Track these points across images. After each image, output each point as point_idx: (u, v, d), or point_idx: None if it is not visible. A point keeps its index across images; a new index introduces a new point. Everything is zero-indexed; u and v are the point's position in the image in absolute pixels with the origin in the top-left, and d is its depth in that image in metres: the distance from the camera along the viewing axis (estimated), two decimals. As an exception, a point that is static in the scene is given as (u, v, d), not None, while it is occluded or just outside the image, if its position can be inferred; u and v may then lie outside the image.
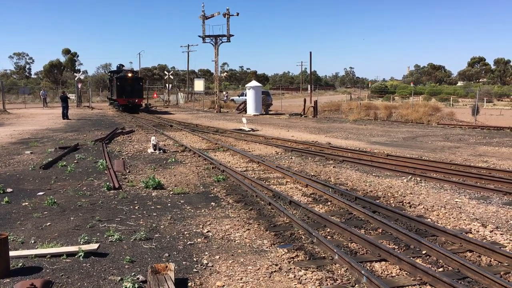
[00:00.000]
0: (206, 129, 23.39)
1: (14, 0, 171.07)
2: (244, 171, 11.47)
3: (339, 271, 5.33)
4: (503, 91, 67.97)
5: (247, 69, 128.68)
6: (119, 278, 5.09)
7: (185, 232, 6.76)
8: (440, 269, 5.41)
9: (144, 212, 7.86)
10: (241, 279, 5.14)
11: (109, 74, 51.12)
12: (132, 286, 4.82)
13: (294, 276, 5.20)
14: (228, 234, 6.69)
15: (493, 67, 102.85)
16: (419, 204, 8.38)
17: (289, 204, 8.13)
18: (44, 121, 27.88)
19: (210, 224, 7.19)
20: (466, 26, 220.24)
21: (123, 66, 46.88)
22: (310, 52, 46.16)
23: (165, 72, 62.38)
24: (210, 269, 5.41)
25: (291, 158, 13.73)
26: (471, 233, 6.79)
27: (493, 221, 7.35)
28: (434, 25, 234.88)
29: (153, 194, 9.14)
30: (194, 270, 5.38)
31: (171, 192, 9.31)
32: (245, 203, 8.46)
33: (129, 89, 37.76)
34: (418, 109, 29.42)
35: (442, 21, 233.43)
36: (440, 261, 5.60)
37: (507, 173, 10.94)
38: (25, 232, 6.72)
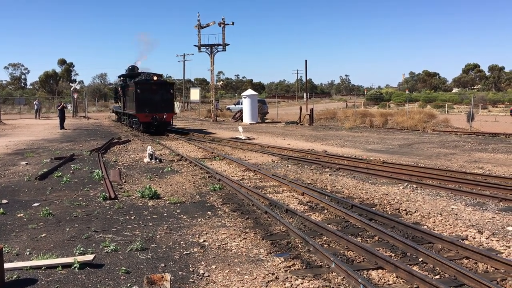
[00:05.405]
0: (202, 138, 23.39)
1: (9, 11, 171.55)
2: (240, 180, 11.46)
3: (336, 280, 5.32)
4: (497, 97, 68.47)
5: (243, 77, 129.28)
6: (115, 289, 5.06)
7: (181, 242, 6.74)
8: (437, 277, 5.41)
9: (140, 222, 7.83)
10: (238, 288, 5.12)
11: (119, 79, 35.99)
12: (128, 297, 4.80)
13: (291, 285, 5.18)
14: (225, 244, 6.67)
15: (487, 73, 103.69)
16: (415, 211, 8.39)
17: (286, 213, 8.12)
18: (40, 132, 27.81)
19: (206, 233, 7.17)
20: (460, 33, 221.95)
21: (137, 68, 33.44)
22: (306, 60, 46.76)
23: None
24: (207, 279, 5.39)
25: (288, 167, 13.74)
26: (467, 239, 6.80)
27: (489, 228, 7.37)
28: (428, 32, 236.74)
29: (149, 204, 9.11)
30: (191, 280, 5.35)
31: (167, 202, 9.28)
32: (242, 212, 8.45)
33: (156, 99, 25.35)
34: (413, 116, 29.58)
35: (437, 28, 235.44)
36: (437, 268, 5.60)
37: (503, 179, 10.99)
38: (20, 243, 6.68)
